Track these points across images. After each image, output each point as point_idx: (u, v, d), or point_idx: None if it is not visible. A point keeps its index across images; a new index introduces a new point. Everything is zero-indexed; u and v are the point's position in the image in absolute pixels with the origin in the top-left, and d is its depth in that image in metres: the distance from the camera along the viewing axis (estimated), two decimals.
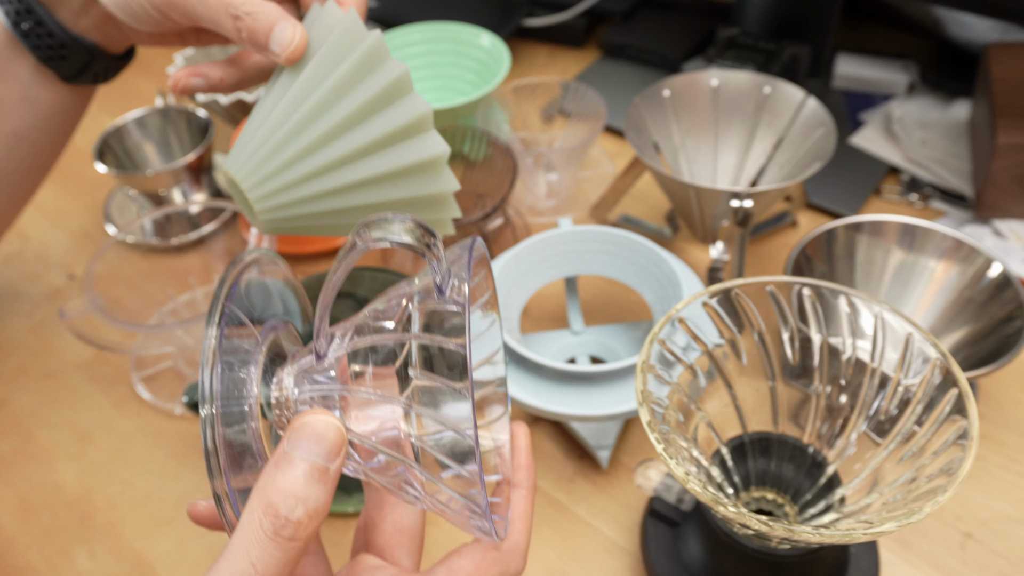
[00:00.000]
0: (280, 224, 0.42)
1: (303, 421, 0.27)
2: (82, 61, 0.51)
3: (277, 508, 0.25)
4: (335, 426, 0.27)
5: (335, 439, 0.27)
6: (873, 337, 0.39)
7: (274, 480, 0.26)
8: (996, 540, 0.48)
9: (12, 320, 0.67)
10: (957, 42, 0.80)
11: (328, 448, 0.26)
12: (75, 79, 0.53)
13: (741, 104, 0.63)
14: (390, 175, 0.40)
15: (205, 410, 0.27)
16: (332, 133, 0.39)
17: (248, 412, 0.28)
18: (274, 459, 0.26)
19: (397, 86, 0.39)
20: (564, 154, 0.67)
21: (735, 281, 0.40)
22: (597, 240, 0.55)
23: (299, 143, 0.39)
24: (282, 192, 0.40)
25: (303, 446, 0.26)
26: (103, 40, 0.51)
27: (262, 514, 0.25)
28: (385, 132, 0.39)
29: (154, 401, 0.60)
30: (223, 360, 0.27)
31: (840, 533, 0.31)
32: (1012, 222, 0.65)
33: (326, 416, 0.27)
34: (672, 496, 0.45)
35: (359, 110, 0.39)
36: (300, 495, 0.26)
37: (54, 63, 0.51)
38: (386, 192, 0.41)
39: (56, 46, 0.50)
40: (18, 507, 0.54)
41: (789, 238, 0.68)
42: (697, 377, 0.41)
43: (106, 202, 0.76)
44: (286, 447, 0.26)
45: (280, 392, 0.29)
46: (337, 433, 0.27)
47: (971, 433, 0.33)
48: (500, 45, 0.76)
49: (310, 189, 0.40)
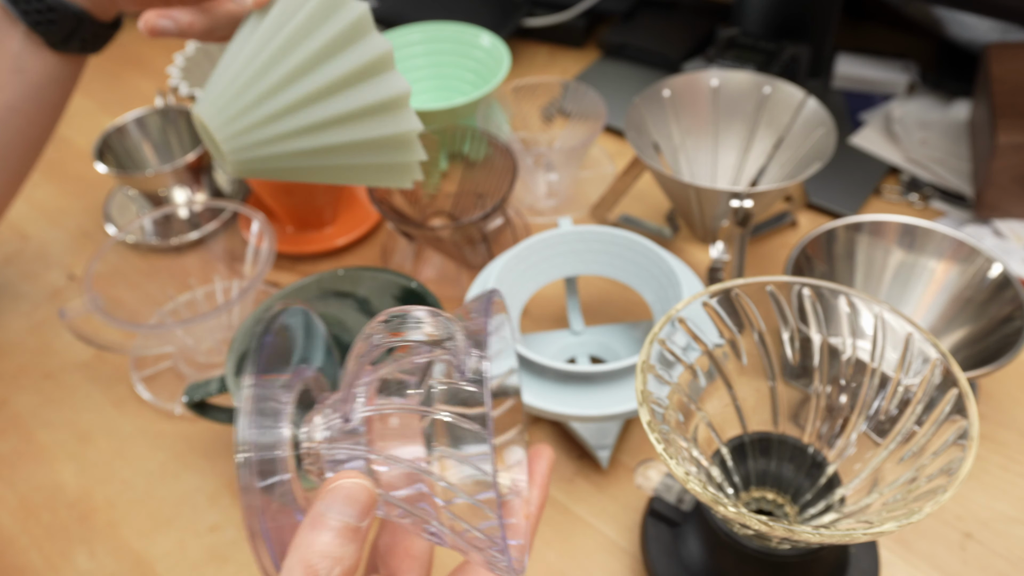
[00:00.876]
0: (249, 166, 0.43)
1: (337, 484, 0.28)
2: (70, 26, 0.52)
3: (316, 569, 0.27)
4: (366, 488, 0.28)
5: (367, 500, 0.28)
6: (873, 337, 0.39)
7: (311, 542, 0.27)
8: (996, 540, 0.48)
9: (12, 320, 0.67)
10: (957, 42, 0.80)
11: (360, 509, 0.28)
12: (64, 45, 0.54)
13: (741, 104, 0.64)
14: (354, 114, 0.41)
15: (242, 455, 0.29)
16: (296, 73, 0.40)
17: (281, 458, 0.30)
18: (310, 519, 0.28)
19: (357, 26, 0.40)
20: (564, 154, 0.67)
21: (735, 281, 0.40)
22: (597, 240, 0.55)
23: (264, 84, 0.41)
24: (249, 132, 0.41)
25: (337, 508, 0.28)
26: (91, 5, 0.53)
27: (301, 574, 0.27)
28: (348, 71, 0.40)
29: (154, 401, 0.60)
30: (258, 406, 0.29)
31: (840, 533, 0.31)
32: (1012, 222, 0.65)
33: (358, 478, 0.28)
34: (672, 496, 0.45)
35: (321, 50, 0.40)
36: (336, 555, 0.27)
37: (43, 28, 0.52)
38: (351, 132, 0.42)
39: (45, 10, 0.51)
40: (18, 507, 0.54)
41: (789, 238, 0.68)
42: (697, 377, 0.41)
43: (106, 202, 0.76)
44: (321, 508, 0.28)
45: (311, 443, 0.31)
46: (368, 495, 0.28)
47: (971, 433, 0.33)
48: (500, 45, 0.76)
49: (276, 129, 0.41)
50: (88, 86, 0.90)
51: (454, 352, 0.28)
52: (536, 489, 0.34)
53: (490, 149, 0.64)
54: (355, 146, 0.43)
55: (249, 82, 0.41)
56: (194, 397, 0.50)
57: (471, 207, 0.66)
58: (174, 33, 0.48)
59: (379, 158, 0.44)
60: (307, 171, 0.45)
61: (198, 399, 0.50)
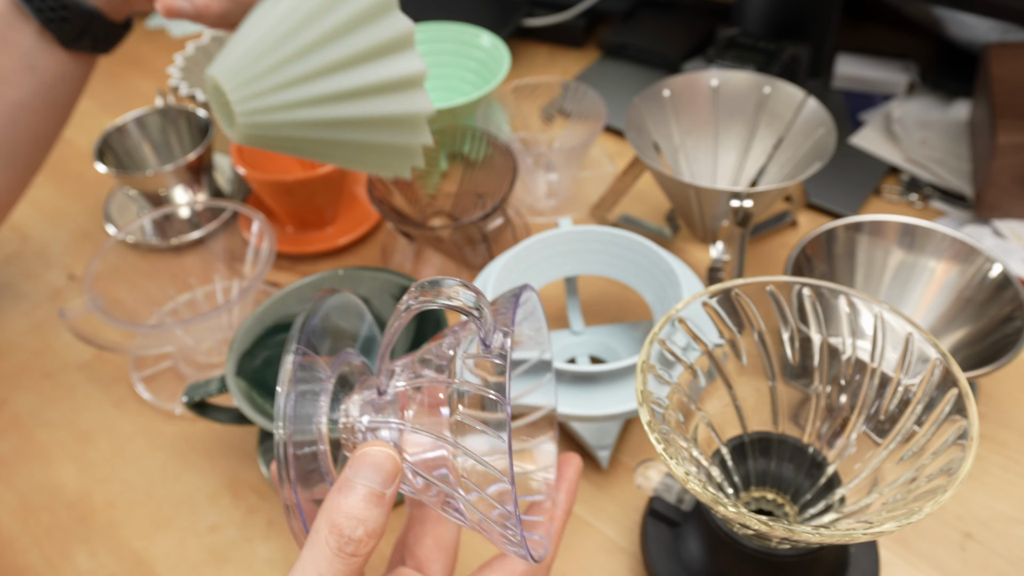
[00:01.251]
0: (258, 131, 0.43)
1: (364, 451, 0.30)
2: (82, 24, 0.53)
3: (341, 528, 0.28)
4: (392, 456, 0.30)
5: (391, 468, 0.30)
6: (873, 337, 0.39)
7: (338, 504, 0.29)
8: (996, 540, 0.48)
9: (12, 320, 0.67)
10: (957, 42, 0.80)
11: (385, 476, 0.29)
12: (75, 43, 0.54)
13: (741, 104, 0.63)
14: (370, 88, 0.42)
15: (280, 429, 0.30)
16: (318, 42, 0.41)
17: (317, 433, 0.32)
18: (338, 484, 0.29)
19: (383, 3, 0.41)
20: (564, 154, 0.67)
21: (735, 281, 0.40)
22: (597, 240, 0.55)
23: (284, 50, 0.41)
24: (262, 96, 0.41)
25: (364, 473, 0.29)
26: (103, 4, 0.53)
27: (328, 533, 0.28)
28: (370, 45, 0.41)
29: (154, 401, 0.60)
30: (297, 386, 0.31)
31: (840, 533, 0.31)
32: (1012, 222, 0.65)
33: (384, 447, 0.30)
34: (672, 496, 0.45)
35: (347, 22, 0.40)
36: (360, 516, 0.29)
37: (55, 25, 0.52)
38: (364, 107, 0.42)
39: (58, 7, 0.52)
40: (18, 507, 0.54)
41: (789, 238, 0.68)
42: (697, 377, 0.41)
43: (106, 202, 0.76)
44: (348, 474, 0.29)
45: (347, 419, 0.32)
46: (393, 463, 0.30)
47: (971, 433, 0.33)
48: (500, 45, 0.76)
49: (291, 95, 0.41)
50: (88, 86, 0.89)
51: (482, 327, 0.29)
52: (563, 493, 0.36)
53: (490, 149, 0.64)
54: (366, 121, 0.43)
55: (270, 47, 0.41)
56: (194, 397, 0.50)
57: (471, 207, 0.66)
58: (189, 14, 0.48)
59: (387, 137, 0.44)
60: (313, 144, 0.45)
61: (198, 399, 0.50)
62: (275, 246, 0.58)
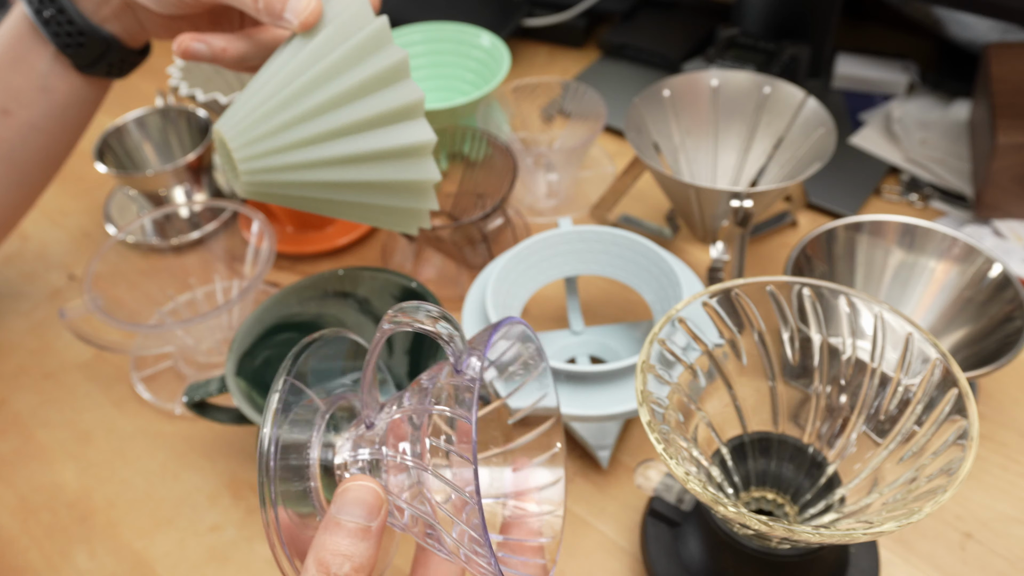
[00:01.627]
0: (259, 188, 0.43)
1: (346, 487, 0.30)
2: (98, 50, 0.53)
3: (328, 566, 0.29)
4: (373, 490, 0.30)
5: (374, 501, 0.30)
6: (873, 337, 0.39)
7: (324, 543, 0.29)
8: (996, 540, 0.48)
9: (12, 320, 0.67)
10: (957, 42, 0.80)
11: (368, 510, 0.30)
12: (90, 69, 0.54)
13: (741, 104, 0.63)
14: (375, 155, 0.41)
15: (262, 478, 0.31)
16: (325, 106, 0.40)
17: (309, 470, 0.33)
18: (324, 523, 0.30)
19: (395, 70, 0.40)
20: (564, 154, 0.67)
21: (735, 281, 0.40)
22: (597, 240, 0.55)
23: (291, 112, 0.41)
24: (267, 156, 0.42)
25: (347, 510, 0.30)
26: (120, 31, 0.53)
27: (316, 571, 0.29)
28: (376, 112, 0.40)
29: (154, 401, 0.60)
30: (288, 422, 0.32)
31: (840, 533, 0.31)
32: (1012, 222, 0.65)
33: (367, 481, 0.30)
34: (672, 496, 0.45)
35: (354, 88, 0.40)
36: (346, 552, 0.29)
37: (71, 51, 0.53)
38: (370, 172, 0.42)
39: (75, 33, 0.52)
40: (18, 507, 0.54)
41: (789, 238, 0.68)
42: (697, 377, 0.41)
43: (106, 202, 0.76)
44: (332, 511, 0.30)
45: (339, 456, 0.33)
46: (375, 496, 0.30)
47: (971, 433, 0.33)
48: (500, 45, 0.76)
49: (295, 157, 0.41)
50: None
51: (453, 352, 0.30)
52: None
53: (490, 149, 0.64)
54: (371, 186, 0.43)
55: (277, 108, 0.41)
56: (194, 397, 0.50)
57: (471, 207, 0.66)
58: (207, 57, 0.48)
59: (392, 201, 0.44)
60: (316, 203, 0.44)
61: (198, 399, 0.50)
62: (275, 246, 0.58)
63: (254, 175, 0.42)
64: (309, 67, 0.41)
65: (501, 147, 0.62)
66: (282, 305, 0.53)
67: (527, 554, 0.35)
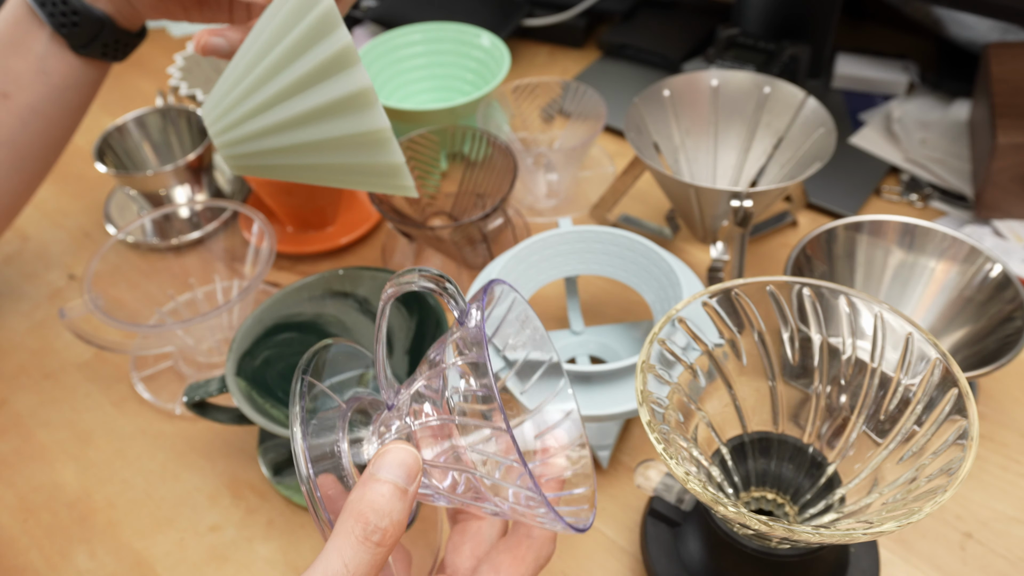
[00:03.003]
0: (241, 162, 0.46)
1: (386, 449, 0.31)
2: (92, 30, 0.54)
3: (367, 517, 0.29)
4: (413, 453, 0.31)
5: (413, 464, 0.31)
6: (873, 337, 0.39)
7: (363, 496, 0.29)
8: (996, 540, 0.48)
9: (12, 320, 0.67)
10: (957, 42, 0.80)
11: (408, 471, 0.30)
12: (86, 49, 0.55)
13: (741, 104, 0.63)
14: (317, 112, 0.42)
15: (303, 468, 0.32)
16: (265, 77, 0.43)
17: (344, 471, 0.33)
18: (362, 480, 0.30)
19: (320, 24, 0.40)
20: (564, 154, 0.67)
21: (735, 281, 0.40)
22: (597, 240, 0.55)
23: (244, 84, 0.44)
24: (231, 130, 0.45)
25: (387, 469, 0.30)
26: (113, 11, 0.55)
27: (353, 523, 0.29)
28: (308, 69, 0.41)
29: (154, 401, 0.60)
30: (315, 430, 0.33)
31: (840, 533, 0.31)
32: (1012, 222, 0.65)
33: (405, 445, 0.31)
34: (672, 496, 0.45)
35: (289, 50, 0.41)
36: (385, 509, 0.29)
37: (66, 31, 0.54)
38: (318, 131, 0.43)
39: (69, 12, 0.53)
40: (18, 507, 0.54)
41: (789, 238, 0.68)
42: (697, 377, 0.41)
43: (106, 202, 0.76)
44: (371, 470, 0.30)
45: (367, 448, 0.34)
46: (415, 459, 0.31)
47: (971, 433, 0.33)
48: (500, 45, 0.76)
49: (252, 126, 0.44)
50: None
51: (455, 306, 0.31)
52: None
53: (490, 149, 0.64)
54: (327, 144, 0.44)
55: (234, 82, 0.44)
56: (194, 397, 0.50)
57: (471, 207, 0.66)
58: (225, 51, 0.49)
59: (356, 158, 0.45)
60: (297, 170, 0.47)
61: (198, 399, 0.50)
62: (275, 246, 0.58)
63: (227, 148, 0.46)
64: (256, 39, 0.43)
65: (501, 147, 0.62)
66: (282, 305, 0.53)
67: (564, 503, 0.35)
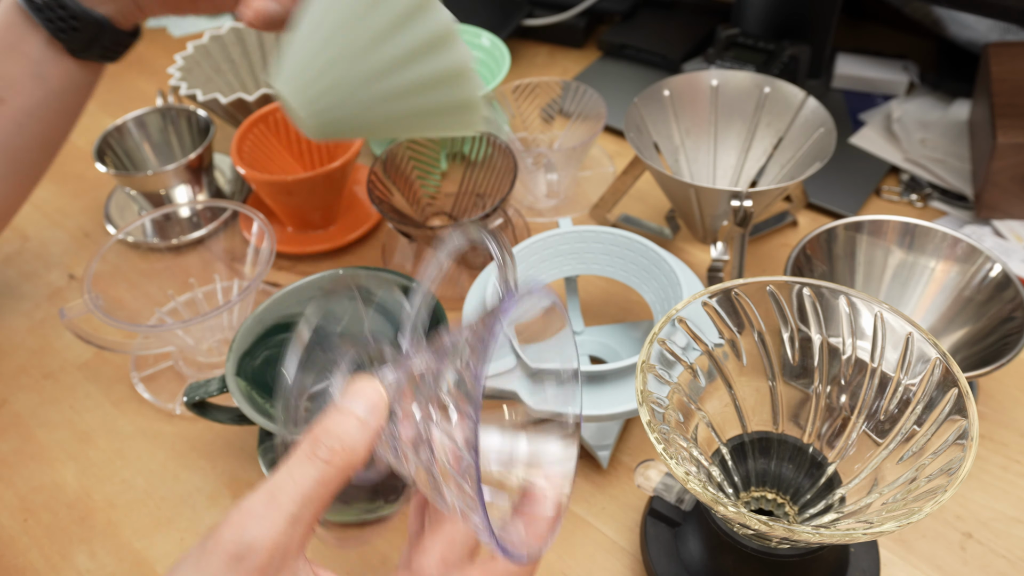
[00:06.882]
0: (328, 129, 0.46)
1: (352, 382, 0.31)
2: (91, 34, 0.53)
3: (317, 437, 0.30)
4: (377, 389, 0.31)
5: (376, 398, 0.31)
6: (873, 337, 0.39)
7: (320, 421, 0.31)
8: (996, 540, 0.48)
9: (12, 320, 0.67)
10: (957, 42, 0.80)
11: (369, 404, 0.31)
12: (84, 53, 0.55)
13: (741, 104, 0.63)
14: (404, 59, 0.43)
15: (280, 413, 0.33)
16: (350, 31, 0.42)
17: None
18: (326, 411, 0.31)
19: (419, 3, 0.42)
20: (564, 154, 0.67)
21: (735, 281, 0.40)
22: (597, 240, 0.55)
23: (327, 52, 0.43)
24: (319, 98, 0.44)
25: (348, 399, 0.31)
26: (114, 13, 0.54)
27: (304, 442, 0.30)
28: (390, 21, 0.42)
29: (154, 401, 0.60)
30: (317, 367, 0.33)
31: (840, 533, 0.31)
32: (1012, 222, 0.65)
33: (371, 380, 0.31)
34: (672, 496, 0.45)
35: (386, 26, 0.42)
36: (337, 431, 0.30)
37: (65, 35, 0.53)
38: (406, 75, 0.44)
39: (68, 18, 0.52)
40: (18, 507, 0.54)
41: (789, 238, 0.68)
42: (697, 377, 0.41)
43: (106, 202, 0.76)
44: (336, 402, 0.31)
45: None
46: (378, 394, 0.31)
47: (971, 433, 0.33)
48: (500, 45, 0.76)
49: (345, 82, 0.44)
50: None
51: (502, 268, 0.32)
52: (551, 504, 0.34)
53: (490, 149, 0.64)
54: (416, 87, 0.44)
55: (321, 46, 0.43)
56: (194, 397, 0.50)
57: (471, 207, 0.66)
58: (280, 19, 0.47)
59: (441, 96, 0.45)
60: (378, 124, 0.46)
61: (198, 399, 0.50)
62: (275, 246, 0.58)
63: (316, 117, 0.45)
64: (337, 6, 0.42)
65: (501, 147, 0.62)
66: (282, 305, 0.53)
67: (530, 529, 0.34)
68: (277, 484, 0.29)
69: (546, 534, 0.33)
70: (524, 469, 0.36)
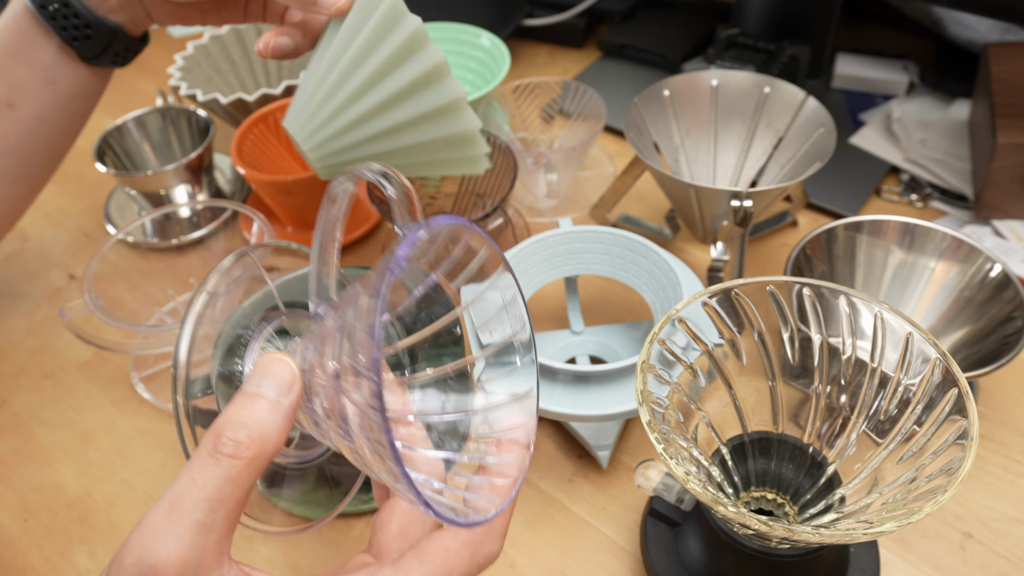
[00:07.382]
0: (332, 170, 0.49)
1: (258, 361, 0.29)
2: (105, 41, 0.54)
3: (220, 431, 0.27)
4: (286, 363, 0.29)
5: (286, 375, 0.29)
6: (873, 337, 0.39)
7: (224, 412, 0.28)
8: (996, 540, 0.48)
9: (12, 320, 0.67)
10: (957, 42, 0.80)
11: (278, 382, 0.28)
12: (96, 60, 0.55)
13: (741, 104, 0.63)
14: (417, 119, 0.46)
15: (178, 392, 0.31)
16: (364, 87, 0.45)
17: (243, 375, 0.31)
18: (231, 398, 0.28)
19: (413, 40, 0.44)
20: (564, 154, 0.67)
21: (735, 281, 0.40)
22: (597, 240, 0.55)
23: (338, 97, 0.46)
24: (329, 142, 0.47)
25: (255, 381, 0.29)
26: (126, 21, 0.54)
27: (205, 439, 0.28)
28: (408, 81, 0.45)
29: (154, 401, 0.60)
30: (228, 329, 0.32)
31: (840, 533, 0.31)
32: (1012, 222, 0.65)
33: (280, 356, 0.29)
34: (672, 496, 0.45)
35: (384, 64, 0.44)
36: (244, 420, 0.28)
37: (78, 43, 0.53)
38: (418, 135, 0.47)
39: (81, 26, 0.52)
40: (18, 507, 0.54)
41: (789, 238, 0.68)
42: (697, 377, 0.41)
43: (106, 202, 0.76)
44: (243, 386, 0.29)
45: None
46: (288, 370, 0.29)
47: (971, 433, 0.33)
48: (500, 45, 0.76)
49: (351, 138, 0.47)
50: None
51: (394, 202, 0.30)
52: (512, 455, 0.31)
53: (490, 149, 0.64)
54: (424, 146, 0.48)
55: (326, 96, 0.46)
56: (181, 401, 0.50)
57: (471, 207, 0.66)
58: (291, 51, 0.49)
59: (447, 154, 0.49)
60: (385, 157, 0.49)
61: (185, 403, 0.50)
62: None
63: (323, 160, 0.48)
64: (343, 51, 0.45)
65: (501, 147, 0.62)
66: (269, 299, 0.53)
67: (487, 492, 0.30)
68: (178, 492, 0.27)
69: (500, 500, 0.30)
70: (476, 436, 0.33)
